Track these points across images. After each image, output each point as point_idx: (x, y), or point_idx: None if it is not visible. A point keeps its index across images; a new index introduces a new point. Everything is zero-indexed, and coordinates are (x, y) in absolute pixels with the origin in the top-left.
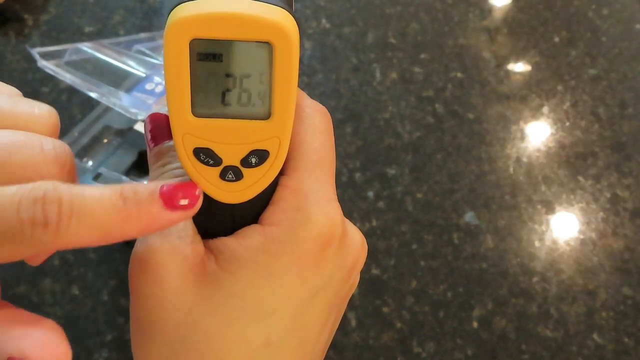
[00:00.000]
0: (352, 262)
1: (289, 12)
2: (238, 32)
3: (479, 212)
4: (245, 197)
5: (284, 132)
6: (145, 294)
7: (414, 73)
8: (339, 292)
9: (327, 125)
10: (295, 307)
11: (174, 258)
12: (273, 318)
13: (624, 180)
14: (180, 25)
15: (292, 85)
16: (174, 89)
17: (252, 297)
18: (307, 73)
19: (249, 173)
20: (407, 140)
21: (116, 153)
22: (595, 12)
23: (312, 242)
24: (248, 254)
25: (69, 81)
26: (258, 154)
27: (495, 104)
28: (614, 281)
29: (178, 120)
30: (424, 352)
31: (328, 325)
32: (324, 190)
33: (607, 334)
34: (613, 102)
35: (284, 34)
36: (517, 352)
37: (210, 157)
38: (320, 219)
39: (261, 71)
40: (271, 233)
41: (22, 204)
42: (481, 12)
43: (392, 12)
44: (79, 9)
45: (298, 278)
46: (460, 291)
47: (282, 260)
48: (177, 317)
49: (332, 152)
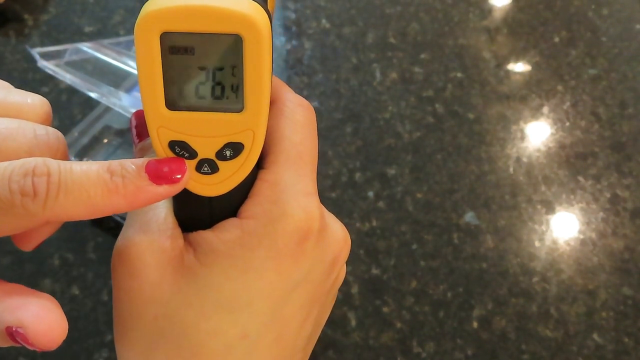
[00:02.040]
0: (333, 256)
1: (260, 4)
2: (207, 25)
3: (479, 212)
4: (221, 190)
5: (257, 125)
6: (124, 287)
7: (414, 73)
8: (320, 287)
9: (309, 120)
10: (272, 300)
11: (152, 251)
12: (249, 311)
13: (624, 180)
14: (149, 18)
15: (264, 78)
16: (146, 82)
17: (229, 290)
18: (307, 73)
19: (224, 166)
20: (407, 140)
21: (116, 153)
22: (595, 12)
23: (289, 235)
24: (225, 248)
25: (69, 81)
26: (232, 146)
27: (495, 104)
28: (614, 281)
29: (152, 114)
30: (424, 352)
31: (309, 319)
32: (302, 184)
33: (607, 334)
34: (613, 102)
35: (253, 26)
36: (517, 352)
37: (185, 150)
38: (297, 212)
39: (233, 64)
40: (248, 226)
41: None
42: (481, 12)
43: (392, 12)
44: (79, 9)
45: (275, 272)
46: (460, 291)
47: (258, 254)
48: (155, 309)
49: (314, 147)
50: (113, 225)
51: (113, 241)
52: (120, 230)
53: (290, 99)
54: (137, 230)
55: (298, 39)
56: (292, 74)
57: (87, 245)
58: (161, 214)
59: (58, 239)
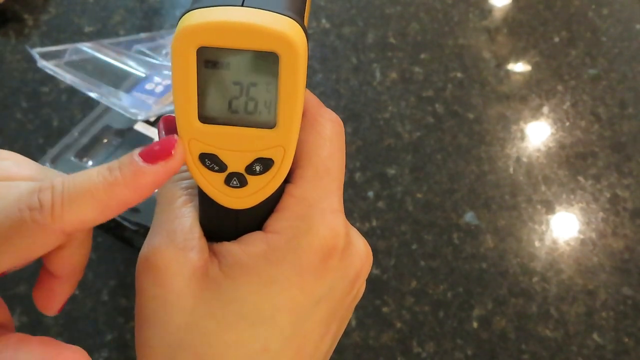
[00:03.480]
0: (355, 273)
1: (297, 22)
2: (244, 42)
3: (479, 212)
4: (249, 204)
5: (288, 142)
6: (149, 294)
7: (414, 73)
8: (341, 303)
9: (338, 135)
10: (294, 315)
11: (178, 260)
12: (271, 325)
13: (624, 180)
14: (187, 33)
15: (298, 96)
16: (181, 95)
17: (252, 303)
18: (307, 73)
19: (253, 180)
20: (407, 140)
21: (116, 153)
22: (595, 12)
23: (314, 252)
24: (250, 261)
25: (69, 81)
26: (262, 162)
27: (495, 104)
28: (614, 281)
29: (185, 126)
30: (424, 352)
31: (329, 334)
32: (329, 200)
33: (607, 334)
34: (613, 102)
35: (290, 45)
36: (517, 352)
37: (215, 163)
38: (322, 229)
39: (267, 80)
40: (273, 241)
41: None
42: (481, 12)
43: (392, 12)
44: (79, 9)
45: (298, 287)
46: (460, 291)
47: (282, 269)
48: (178, 319)
49: (342, 163)
50: (113, 225)
51: (113, 241)
52: (121, 230)
53: (321, 113)
54: (163, 238)
55: None
56: None
57: None
58: (187, 223)
59: None
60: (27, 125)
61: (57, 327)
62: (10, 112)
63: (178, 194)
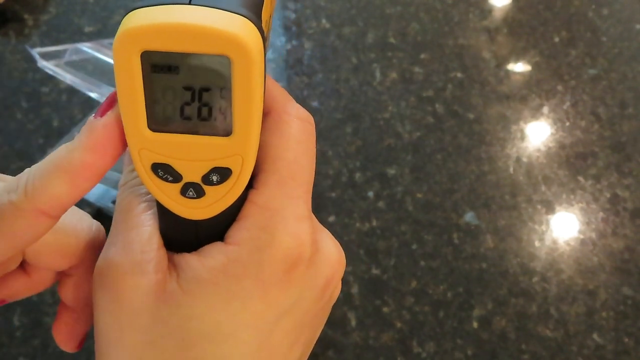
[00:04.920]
0: (325, 280)
1: (252, 20)
2: (191, 45)
3: (479, 212)
4: (207, 214)
5: (246, 150)
6: (104, 309)
7: (414, 73)
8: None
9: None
10: (258, 330)
11: (133, 274)
12: (234, 341)
13: (624, 180)
14: (128, 36)
15: (254, 101)
16: (126, 102)
17: (212, 320)
18: (307, 73)
19: (210, 191)
20: (407, 140)
21: None
22: (595, 12)
23: (277, 264)
24: (209, 276)
25: (69, 81)
26: (220, 171)
27: (495, 104)
28: (614, 281)
29: (133, 135)
30: (424, 352)
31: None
32: (293, 207)
33: (607, 334)
34: (613, 102)
35: (242, 48)
36: (517, 352)
37: (169, 174)
38: (285, 240)
39: (221, 85)
40: (233, 253)
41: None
42: (481, 12)
43: (392, 12)
44: (79, 9)
45: (261, 301)
46: (460, 291)
47: (244, 284)
48: (135, 337)
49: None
50: None
51: None
52: None
53: (287, 111)
54: (119, 250)
55: (298, 39)
56: (292, 74)
57: None
58: (145, 233)
59: None
60: (27, 125)
61: None
62: (10, 112)
63: (136, 201)
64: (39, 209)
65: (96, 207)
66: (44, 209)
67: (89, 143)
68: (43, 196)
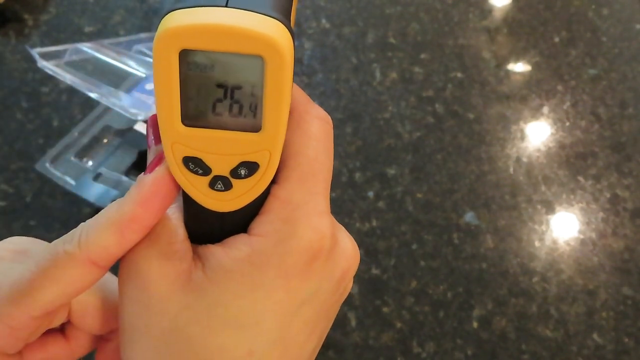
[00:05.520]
0: (341, 273)
1: (284, 24)
2: (228, 45)
3: (479, 212)
4: (234, 207)
5: (274, 146)
6: (132, 298)
7: (414, 73)
8: (326, 303)
9: (325, 134)
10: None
11: (160, 264)
12: (257, 329)
13: (624, 180)
14: (169, 35)
15: (283, 100)
16: (163, 98)
17: (236, 307)
18: (307, 73)
19: (238, 184)
20: (407, 140)
21: (116, 153)
22: (595, 12)
23: (299, 255)
24: (234, 265)
25: (69, 81)
26: (247, 165)
27: (495, 104)
28: (614, 281)
29: (167, 129)
30: (424, 352)
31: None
32: (314, 202)
33: (607, 334)
34: (613, 102)
35: (276, 49)
36: (517, 352)
37: (199, 167)
38: (307, 232)
39: (252, 84)
40: (258, 244)
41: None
42: (481, 12)
43: (392, 12)
44: (79, 9)
45: (283, 290)
46: (460, 291)
47: (267, 273)
48: (162, 323)
49: (329, 162)
50: None
51: None
52: None
53: (308, 111)
54: (146, 242)
55: (298, 39)
56: None
57: None
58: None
59: None
60: (27, 125)
61: None
62: (10, 112)
63: None
64: (90, 258)
65: (96, 207)
66: (95, 259)
67: (139, 198)
68: (94, 246)
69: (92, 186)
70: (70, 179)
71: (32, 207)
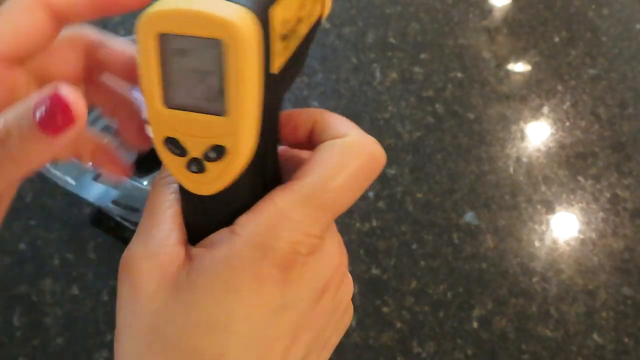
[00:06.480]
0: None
1: (252, 10)
2: (193, 29)
3: (479, 212)
4: (210, 190)
5: (239, 131)
6: (124, 296)
7: (414, 73)
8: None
9: (364, 171)
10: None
11: (149, 266)
12: (227, 333)
13: (624, 180)
14: (147, 20)
15: (247, 84)
16: (146, 80)
17: (209, 309)
18: (307, 73)
19: (210, 167)
20: (407, 140)
21: None
22: (595, 12)
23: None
24: (212, 266)
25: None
26: (216, 149)
27: (495, 104)
28: (614, 281)
29: (151, 110)
30: (424, 352)
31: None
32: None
33: (607, 334)
34: (613, 102)
35: (232, 33)
36: (517, 352)
37: (176, 147)
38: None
39: (220, 68)
40: (237, 246)
41: None
42: (481, 12)
43: (392, 12)
44: None
45: (256, 295)
46: (460, 291)
47: (242, 277)
48: (147, 322)
49: (351, 200)
50: (113, 225)
51: (113, 241)
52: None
53: (360, 141)
54: (140, 243)
55: None
56: None
57: (87, 245)
58: (165, 230)
59: (58, 239)
60: None
61: (57, 327)
62: None
63: (163, 198)
64: None
65: (96, 207)
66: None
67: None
68: None
69: (92, 186)
70: (70, 179)
71: (32, 207)
